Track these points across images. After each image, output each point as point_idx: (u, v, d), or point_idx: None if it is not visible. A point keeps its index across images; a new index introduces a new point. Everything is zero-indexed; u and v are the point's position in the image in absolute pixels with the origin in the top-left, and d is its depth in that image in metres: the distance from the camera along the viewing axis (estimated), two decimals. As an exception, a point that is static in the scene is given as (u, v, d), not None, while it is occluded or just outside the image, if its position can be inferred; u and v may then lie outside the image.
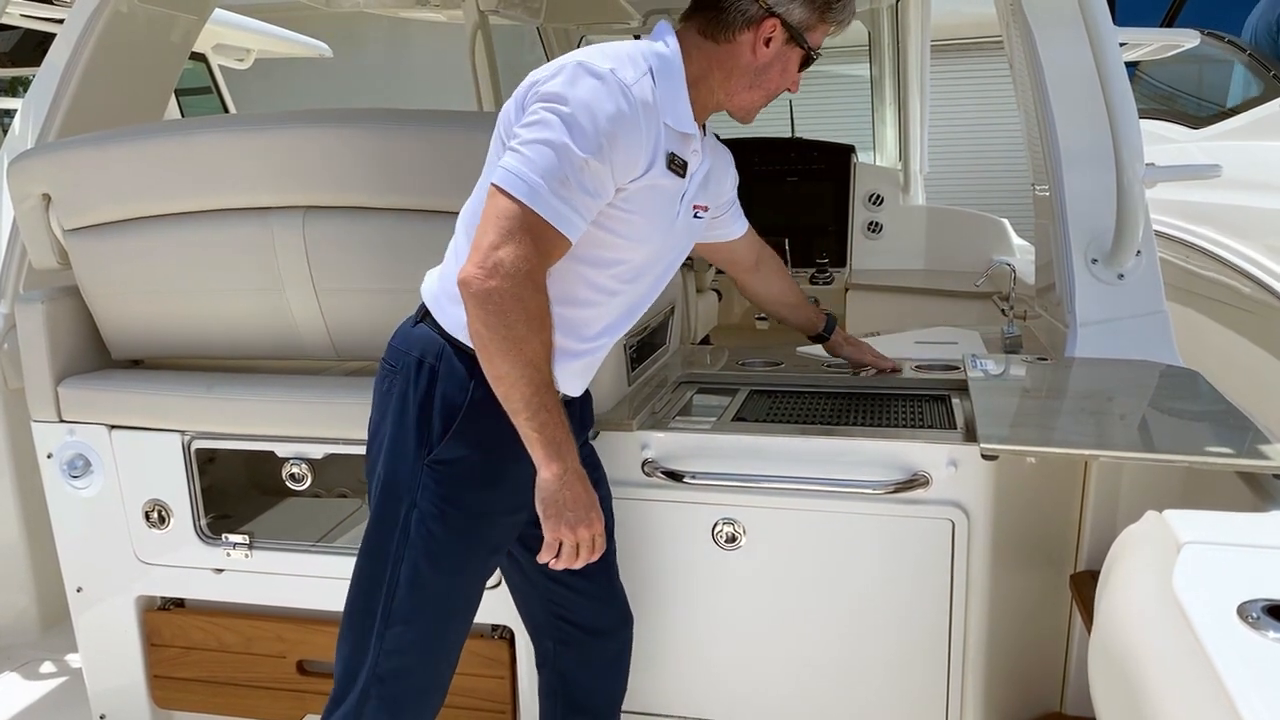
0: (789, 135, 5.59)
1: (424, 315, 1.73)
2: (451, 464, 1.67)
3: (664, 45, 1.68)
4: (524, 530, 1.81)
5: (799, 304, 2.42)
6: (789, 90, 1.81)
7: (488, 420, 1.62)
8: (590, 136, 1.51)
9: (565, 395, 1.74)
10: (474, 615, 1.82)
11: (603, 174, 1.55)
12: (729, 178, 2.04)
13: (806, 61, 1.77)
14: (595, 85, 1.53)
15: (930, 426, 2.11)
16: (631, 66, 1.59)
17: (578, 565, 1.66)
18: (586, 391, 1.90)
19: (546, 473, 1.59)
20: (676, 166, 1.67)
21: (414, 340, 1.71)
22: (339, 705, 1.77)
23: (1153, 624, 1.11)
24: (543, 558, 1.65)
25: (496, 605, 2.27)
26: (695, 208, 1.80)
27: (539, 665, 2.07)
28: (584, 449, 1.85)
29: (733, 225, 2.16)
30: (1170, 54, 2.88)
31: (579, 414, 1.87)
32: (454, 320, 1.65)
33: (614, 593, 2.01)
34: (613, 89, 1.53)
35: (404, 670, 1.75)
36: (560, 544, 1.63)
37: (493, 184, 1.53)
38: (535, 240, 1.51)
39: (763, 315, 5.17)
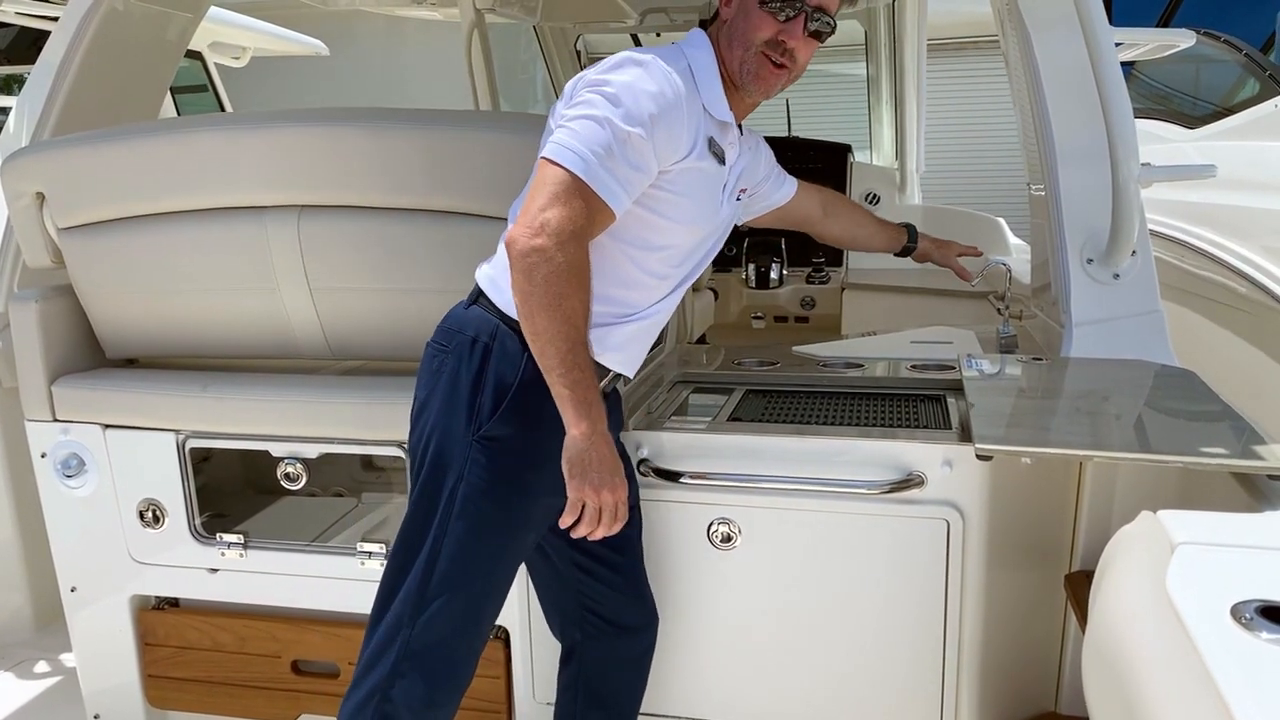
0: (785, 134, 5.59)
1: (477, 297, 1.77)
2: (501, 440, 1.70)
3: (697, 44, 1.80)
4: (555, 521, 1.80)
5: (879, 227, 2.56)
6: (787, 42, 1.75)
7: (537, 399, 1.65)
8: (634, 113, 1.60)
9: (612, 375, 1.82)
10: (505, 599, 1.85)
11: (646, 150, 1.62)
12: (762, 154, 2.15)
13: (773, 7, 1.76)
14: (637, 70, 1.63)
15: (925, 426, 2.11)
16: (671, 59, 1.69)
17: (599, 534, 1.66)
18: (618, 394, 1.94)
19: (575, 430, 1.61)
20: (715, 152, 1.76)
21: (468, 320, 1.75)
22: (361, 684, 1.76)
23: (1146, 624, 1.11)
24: (565, 521, 1.65)
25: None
26: (738, 192, 1.95)
27: (563, 660, 2.07)
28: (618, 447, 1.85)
29: (780, 190, 2.28)
30: (1166, 54, 2.88)
31: (611, 413, 1.84)
32: (508, 299, 1.66)
33: (642, 591, 2.03)
34: (655, 73, 1.64)
35: (439, 644, 1.75)
36: (582, 508, 1.64)
37: (542, 157, 1.61)
38: (581, 206, 1.57)
39: (759, 315, 5.18)
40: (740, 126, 1.90)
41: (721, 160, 1.79)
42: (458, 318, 1.78)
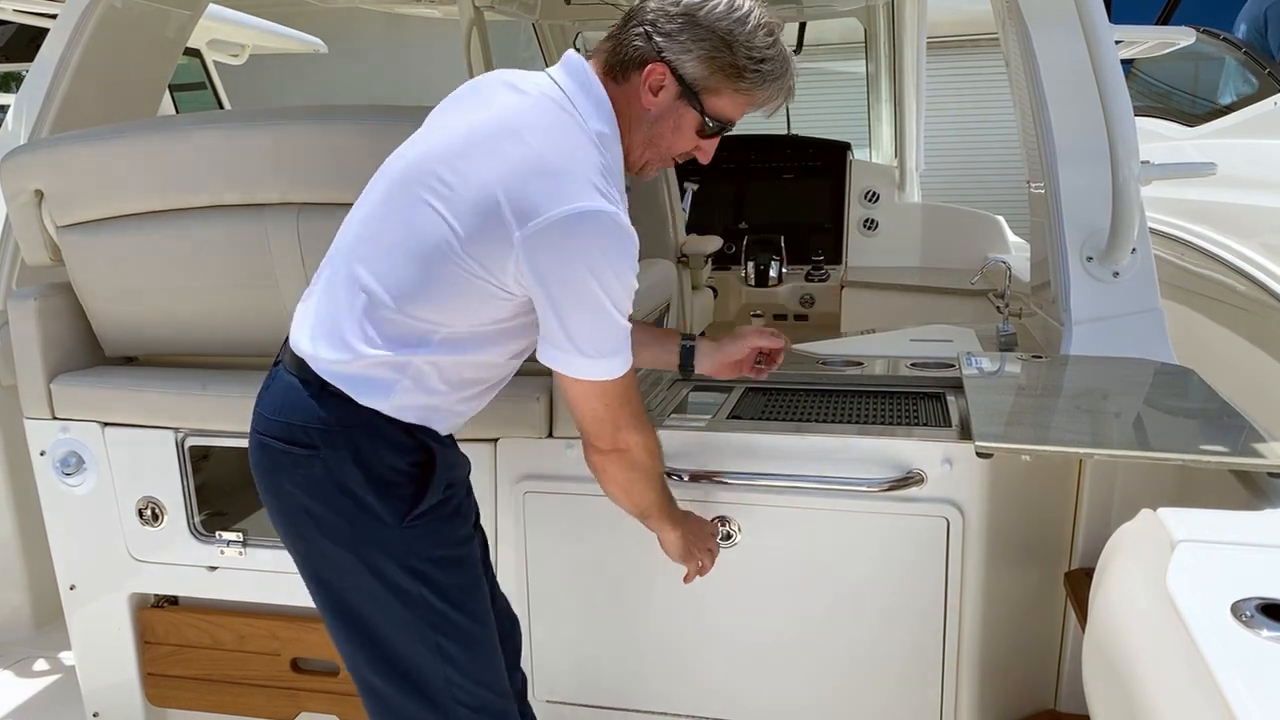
0: (785, 133, 5.60)
1: (326, 390, 1.59)
2: (426, 512, 1.64)
3: (605, 121, 1.58)
4: None
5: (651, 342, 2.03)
6: (698, 158, 1.69)
7: (433, 455, 1.65)
8: (623, 294, 1.53)
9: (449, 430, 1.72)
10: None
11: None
12: None
13: (709, 130, 1.62)
14: (607, 242, 1.47)
15: (925, 424, 2.11)
16: (602, 178, 1.49)
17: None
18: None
19: (672, 534, 1.82)
20: None
21: (330, 411, 1.58)
22: None
23: (1146, 622, 1.11)
24: (689, 581, 1.92)
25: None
26: None
27: None
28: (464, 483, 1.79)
29: None
30: (1165, 52, 2.88)
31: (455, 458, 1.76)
32: (381, 400, 1.58)
33: (500, 604, 1.95)
34: (620, 237, 1.49)
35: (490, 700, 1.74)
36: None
37: (572, 378, 1.56)
38: (626, 392, 1.61)
39: (758, 312, 5.19)
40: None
41: None
42: (307, 410, 1.59)
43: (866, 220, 5.09)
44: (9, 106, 3.00)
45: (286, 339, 1.70)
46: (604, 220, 1.46)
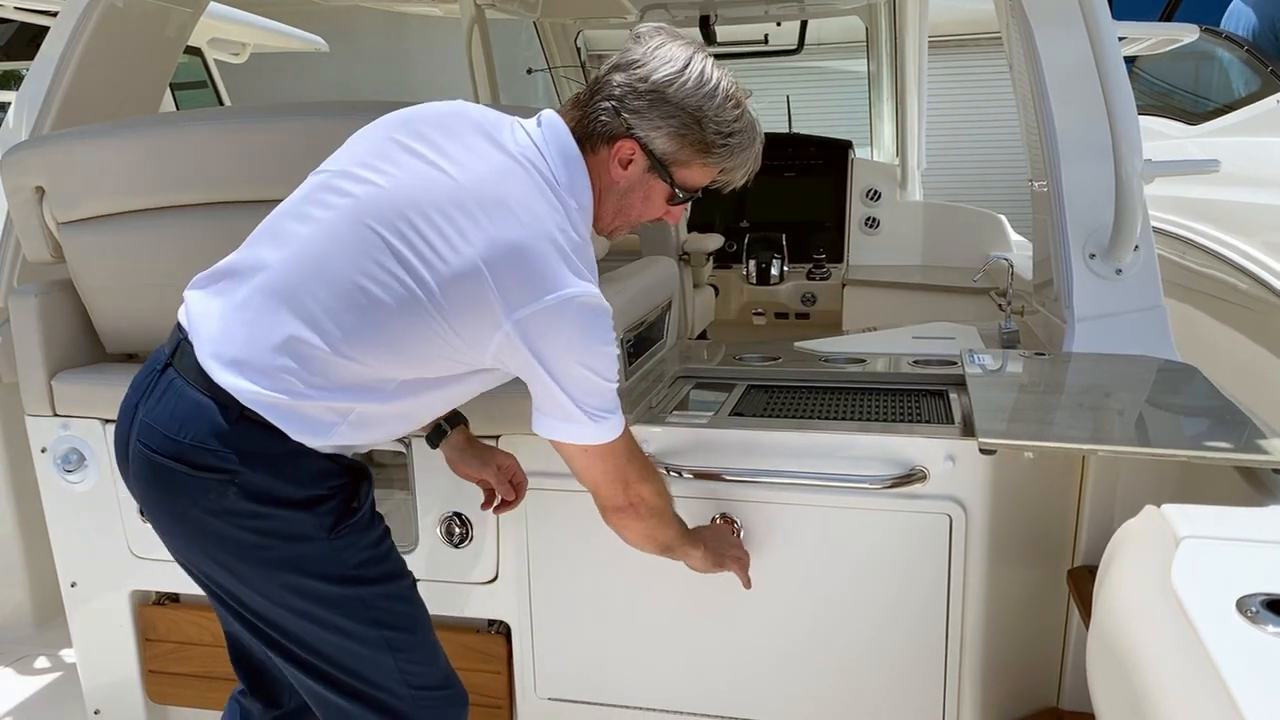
0: (787, 131, 5.59)
1: (245, 416, 1.52)
2: (350, 523, 1.63)
3: (580, 191, 1.58)
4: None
5: None
6: (667, 220, 1.73)
7: (358, 471, 1.66)
8: (610, 360, 1.55)
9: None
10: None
11: None
12: None
13: (678, 199, 1.66)
14: (592, 321, 1.51)
15: (928, 421, 2.11)
16: (578, 258, 1.51)
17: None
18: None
19: (696, 554, 1.86)
20: None
21: (250, 439, 1.53)
22: None
23: (1151, 618, 1.11)
24: (749, 587, 1.99)
25: (493, 600, 2.27)
26: None
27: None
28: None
29: None
30: (1169, 49, 2.88)
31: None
32: (314, 439, 1.56)
33: None
34: (600, 314, 1.52)
35: (445, 700, 1.77)
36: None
37: (579, 447, 1.60)
38: (630, 448, 1.66)
39: (760, 311, 5.18)
40: None
41: None
42: (228, 438, 1.52)
43: (868, 219, 5.08)
44: (9, 104, 2.99)
45: (180, 338, 1.60)
46: (588, 302, 1.49)
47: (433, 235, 1.46)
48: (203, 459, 1.52)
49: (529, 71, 5.71)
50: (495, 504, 2.02)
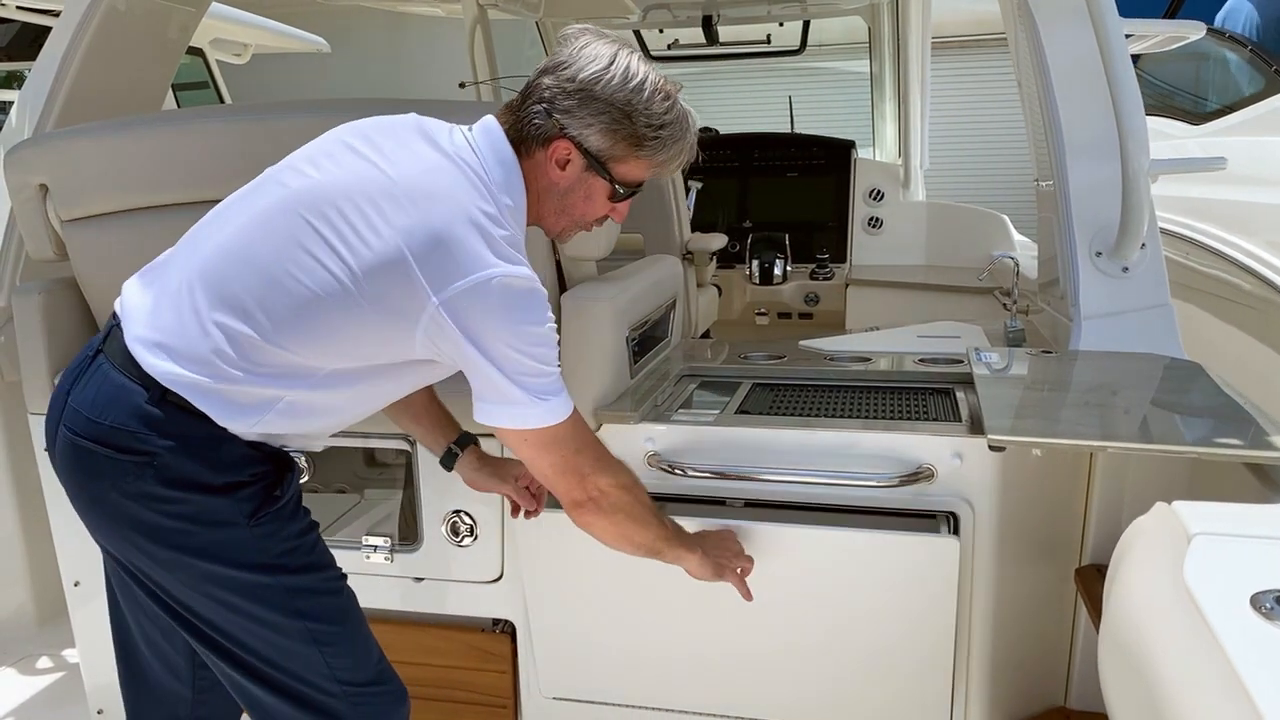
0: (789, 131, 5.59)
1: (166, 398, 1.54)
2: (274, 511, 1.63)
3: (514, 191, 1.60)
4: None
5: (435, 424, 2.02)
6: (613, 219, 1.73)
7: (282, 461, 1.65)
8: (547, 338, 1.54)
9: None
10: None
11: None
12: None
13: (619, 195, 1.66)
14: (520, 297, 1.50)
15: (935, 419, 2.10)
16: (506, 247, 1.51)
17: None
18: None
19: (692, 558, 1.83)
20: None
21: (170, 421, 1.54)
22: None
23: (1165, 615, 1.10)
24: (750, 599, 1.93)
25: (498, 599, 2.27)
26: None
27: None
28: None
29: None
30: (1175, 46, 2.87)
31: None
32: (239, 425, 1.56)
33: None
34: (531, 289, 1.52)
35: (378, 695, 1.75)
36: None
37: (524, 433, 1.57)
38: (579, 434, 1.62)
39: (763, 311, 5.17)
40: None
41: None
42: (148, 419, 1.53)
43: (871, 219, 5.08)
44: (11, 103, 2.99)
45: (112, 324, 1.63)
46: (514, 280, 1.48)
47: (359, 222, 1.48)
48: (122, 441, 1.53)
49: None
50: (521, 512, 2.03)
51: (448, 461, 1.99)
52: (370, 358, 1.57)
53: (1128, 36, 2.29)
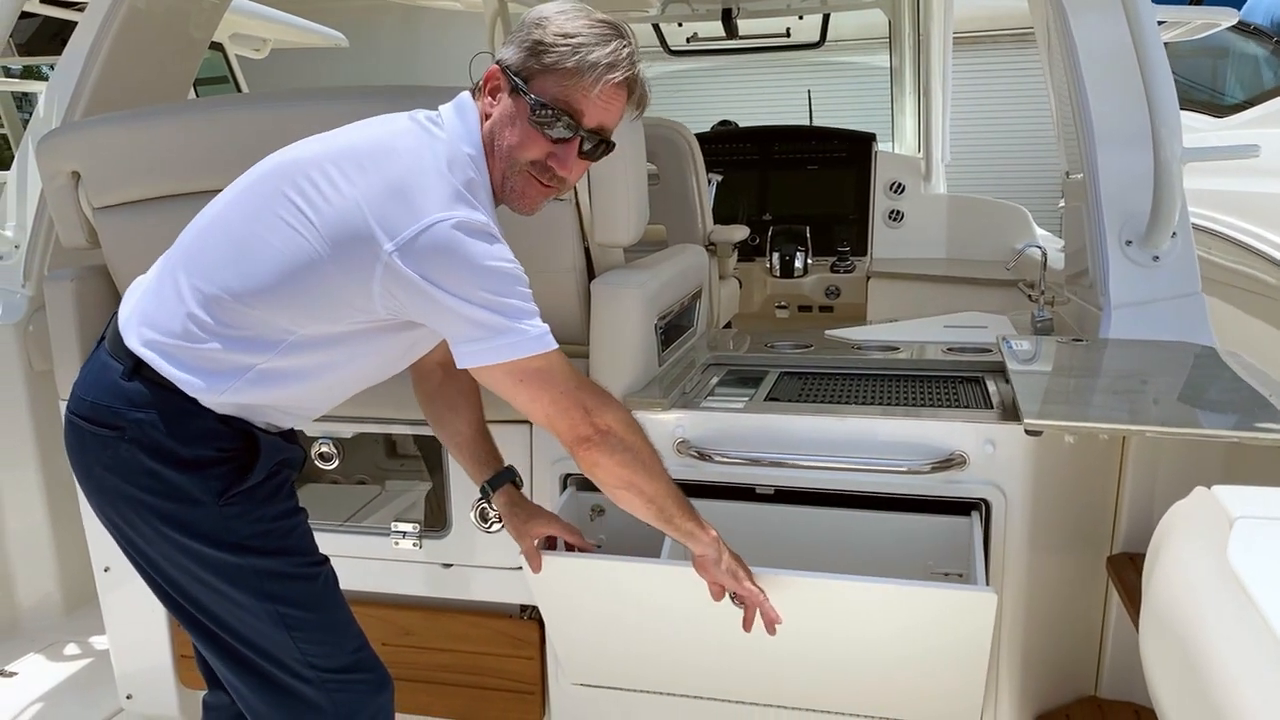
0: (808, 124, 5.58)
1: (139, 371, 1.60)
2: (246, 490, 1.65)
3: (471, 144, 1.60)
4: None
5: (475, 438, 1.97)
6: (557, 170, 1.61)
7: (255, 440, 1.66)
8: (510, 269, 1.52)
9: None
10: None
11: None
12: None
13: (538, 118, 1.57)
14: (473, 237, 1.48)
15: (966, 406, 2.09)
16: (465, 191, 1.52)
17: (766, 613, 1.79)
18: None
19: (706, 539, 1.70)
20: None
21: (138, 392, 1.59)
22: None
23: (1210, 600, 1.09)
24: (749, 625, 1.81)
25: (526, 585, 2.26)
26: None
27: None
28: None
29: None
30: (1207, 34, 2.85)
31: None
32: (205, 394, 1.59)
33: None
34: (485, 227, 1.51)
35: (354, 683, 1.75)
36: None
37: (511, 370, 1.53)
38: (567, 368, 1.58)
39: (783, 304, 5.17)
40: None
41: None
42: (119, 392, 1.60)
43: (892, 211, 5.06)
44: (35, 94, 3.00)
45: (113, 314, 1.71)
46: (470, 223, 1.48)
47: (324, 184, 1.53)
48: (102, 416, 1.61)
49: None
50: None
51: (486, 495, 1.95)
52: (337, 320, 1.57)
53: (1160, 24, 2.27)
